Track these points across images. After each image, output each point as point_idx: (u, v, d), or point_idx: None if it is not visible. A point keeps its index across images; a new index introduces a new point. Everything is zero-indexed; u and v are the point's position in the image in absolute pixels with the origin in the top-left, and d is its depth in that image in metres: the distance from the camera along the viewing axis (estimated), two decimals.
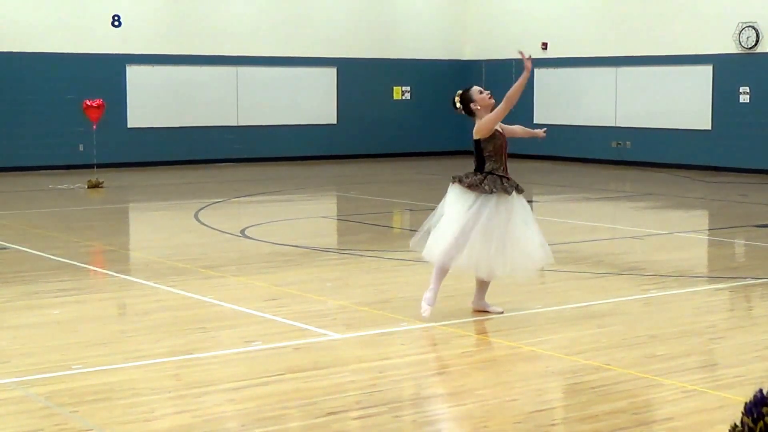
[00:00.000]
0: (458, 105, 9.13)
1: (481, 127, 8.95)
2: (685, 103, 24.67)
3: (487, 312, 8.93)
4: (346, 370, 7.28)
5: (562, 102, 27.32)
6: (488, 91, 9.19)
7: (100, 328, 8.62)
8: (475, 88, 9.15)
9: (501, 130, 9.14)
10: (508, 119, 9.33)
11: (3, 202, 18.45)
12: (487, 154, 8.98)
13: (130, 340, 8.19)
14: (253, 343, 7.96)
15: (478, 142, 8.97)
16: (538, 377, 7.14)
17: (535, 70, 27.61)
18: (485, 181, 8.87)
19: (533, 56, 27.62)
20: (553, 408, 6.53)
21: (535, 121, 27.75)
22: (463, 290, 10.12)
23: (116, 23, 24.94)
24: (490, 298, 9.15)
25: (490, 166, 8.97)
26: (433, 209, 9.28)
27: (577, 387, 6.91)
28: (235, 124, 26.33)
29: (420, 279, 10.81)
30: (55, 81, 24.24)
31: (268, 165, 26.02)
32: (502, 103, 8.87)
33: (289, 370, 7.19)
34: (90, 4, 24.68)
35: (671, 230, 14.62)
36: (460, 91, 9.21)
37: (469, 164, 9.32)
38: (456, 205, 8.92)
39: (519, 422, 6.15)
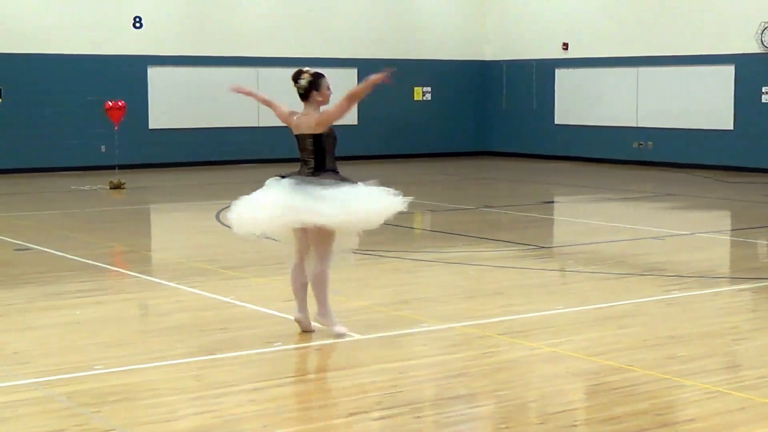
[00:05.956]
0: (304, 82, 8.32)
1: (324, 121, 8.25)
2: (706, 103, 24.58)
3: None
4: (366, 370, 7.28)
5: (583, 102, 27.25)
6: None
7: (121, 329, 8.64)
8: (327, 80, 8.39)
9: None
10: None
11: (25, 202, 18.52)
12: (328, 149, 8.36)
13: (151, 340, 8.21)
14: (274, 344, 7.96)
15: (318, 137, 8.29)
16: (559, 378, 7.12)
17: (556, 71, 27.58)
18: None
19: (555, 57, 27.28)
20: (575, 409, 6.50)
21: (556, 122, 27.72)
22: (483, 291, 10.13)
23: (137, 25, 25.01)
24: (506, 300, 9.11)
25: (331, 164, 8.38)
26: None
27: (598, 388, 6.88)
28: (256, 125, 26.36)
29: (441, 280, 10.81)
30: (77, 82, 24.33)
31: (289, 166, 25.99)
32: (345, 99, 8.19)
33: (310, 371, 7.20)
34: (111, 5, 24.77)
35: (693, 231, 14.56)
36: (312, 71, 8.37)
37: (488, 165, 9.28)
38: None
39: (541, 423, 6.13)
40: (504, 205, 17.53)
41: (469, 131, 29.48)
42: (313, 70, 8.40)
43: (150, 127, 25.22)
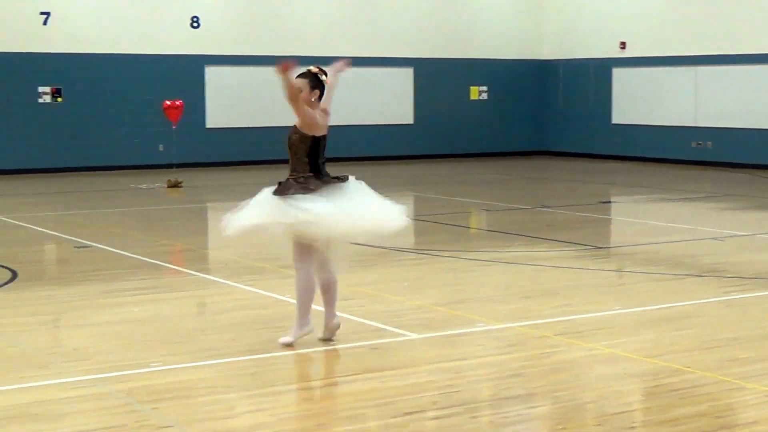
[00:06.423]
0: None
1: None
2: (766, 103, 24.27)
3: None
4: (422, 370, 7.27)
5: (640, 102, 27.03)
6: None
7: (178, 327, 8.70)
8: None
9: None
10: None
11: (85, 201, 18.72)
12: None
13: (208, 338, 8.25)
14: (330, 343, 7.97)
15: (324, 138, 8.26)
16: (617, 379, 7.06)
17: (614, 70, 27.38)
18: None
19: (612, 56, 26.95)
20: (633, 411, 6.45)
21: (613, 121, 27.53)
22: (540, 291, 10.07)
23: (195, 24, 25.19)
24: (563, 300, 9.02)
25: None
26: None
27: (656, 390, 6.82)
28: None
29: (498, 279, 10.78)
30: (135, 82, 24.55)
31: (345, 165, 26.07)
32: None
33: (365, 370, 7.19)
34: (169, 5, 24.96)
35: (753, 231, 14.39)
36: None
37: (545, 164, 9.23)
38: None
39: (598, 424, 6.09)
40: (561, 204, 17.44)
41: (525, 131, 29.36)
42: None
43: (207, 126, 25.38)
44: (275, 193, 7.96)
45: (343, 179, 8.12)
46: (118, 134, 24.45)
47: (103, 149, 24.33)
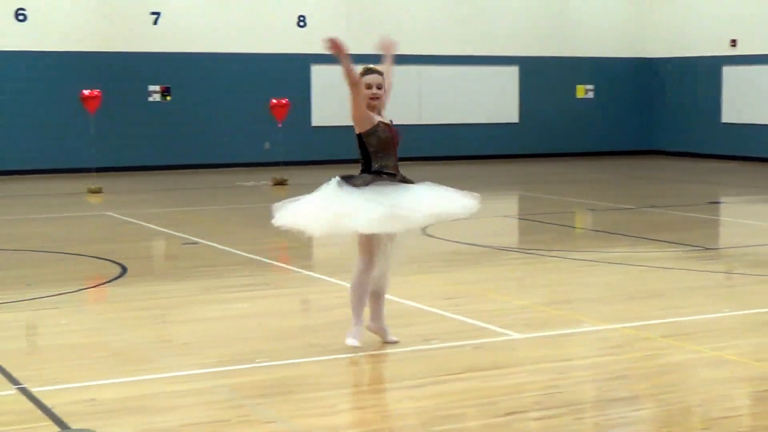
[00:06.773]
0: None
1: (353, 119, 8.05)
2: None
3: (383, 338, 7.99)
4: (525, 370, 7.23)
5: (752, 100, 26.50)
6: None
7: (283, 323, 8.78)
8: (374, 77, 8.38)
9: (388, 122, 8.31)
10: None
11: (193, 198, 19.00)
12: (372, 149, 8.06)
13: (312, 335, 8.31)
14: (433, 341, 7.97)
15: (358, 136, 8.09)
16: (724, 383, 6.94)
17: (724, 68, 26.90)
18: (371, 184, 7.85)
19: (722, 54, 26.46)
20: (740, 415, 6.33)
21: (723, 120, 27.05)
22: (646, 292, 9.95)
23: (301, 24, 25.40)
24: (669, 302, 8.89)
25: (378, 164, 8.04)
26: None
27: (765, 394, 6.69)
28: (418, 123, 26.46)
29: (603, 280, 10.67)
30: (242, 81, 24.86)
31: (450, 164, 26.07)
32: (348, 87, 8.04)
33: (468, 369, 7.18)
34: (276, 5, 25.22)
35: None
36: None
37: (652, 164, 9.09)
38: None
39: (704, 429, 5.99)
40: (668, 205, 17.19)
41: (632, 130, 29.02)
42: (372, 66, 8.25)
43: (312, 124, 25.58)
44: None
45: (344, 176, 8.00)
46: (224, 132, 24.79)
47: (210, 147, 24.70)
